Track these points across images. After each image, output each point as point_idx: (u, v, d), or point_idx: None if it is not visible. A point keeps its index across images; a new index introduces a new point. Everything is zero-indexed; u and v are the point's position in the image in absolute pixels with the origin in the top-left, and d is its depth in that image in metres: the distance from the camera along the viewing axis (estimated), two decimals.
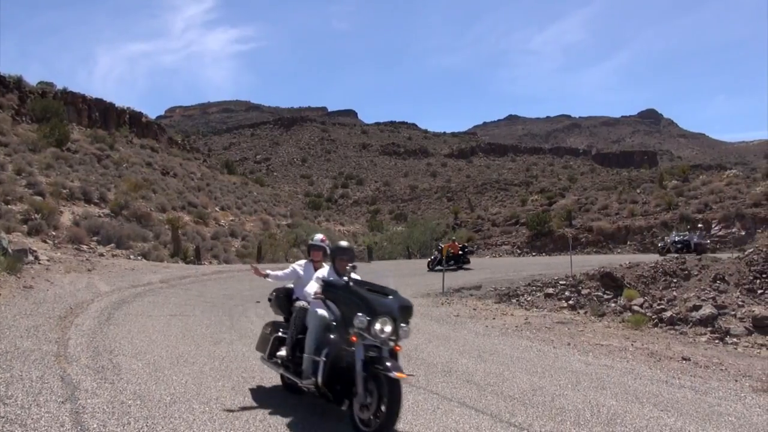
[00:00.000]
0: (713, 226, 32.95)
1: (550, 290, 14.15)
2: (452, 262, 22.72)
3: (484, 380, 6.65)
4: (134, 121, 67.56)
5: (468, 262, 23.97)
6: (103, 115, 61.79)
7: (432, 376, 6.74)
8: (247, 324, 9.94)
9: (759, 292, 12.09)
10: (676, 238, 25.39)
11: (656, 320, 11.34)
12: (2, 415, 4.81)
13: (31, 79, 56.67)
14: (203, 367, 6.76)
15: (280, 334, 5.90)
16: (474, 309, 12.64)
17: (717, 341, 10.09)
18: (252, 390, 5.92)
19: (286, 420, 5.05)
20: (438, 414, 5.38)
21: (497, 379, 6.74)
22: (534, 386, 6.45)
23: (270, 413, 5.20)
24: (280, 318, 6.17)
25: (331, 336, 5.08)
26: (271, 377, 6.38)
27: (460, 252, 23.62)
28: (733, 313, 11.34)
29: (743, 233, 31.31)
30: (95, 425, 4.70)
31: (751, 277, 12.61)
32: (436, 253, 23.71)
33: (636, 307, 12.09)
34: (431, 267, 22.90)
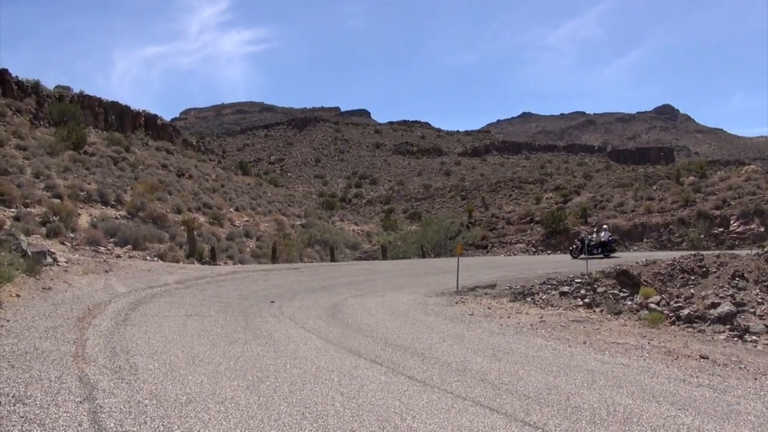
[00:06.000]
0: (731, 222, 32.47)
1: (566, 288, 14.04)
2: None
3: (498, 379, 6.62)
4: (150, 123, 68.34)
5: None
6: (119, 118, 62.56)
7: (446, 375, 6.73)
8: (261, 324, 9.98)
9: None
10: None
11: (673, 318, 11.21)
12: (22, 414, 4.89)
13: (49, 84, 57.59)
14: (218, 366, 6.81)
15: None
16: (488, 308, 12.59)
17: (736, 339, 9.95)
18: (266, 389, 5.95)
19: (300, 419, 5.07)
20: (452, 413, 5.37)
21: (512, 378, 6.70)
22: (549, 385, 6.41)
23: (284, 412, 5.23)
24: None
25: None
26: (286, 377, 6.41)
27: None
28: (752, 310, 11.18)
29: (762, 229, 30.79)
30: (112, 424, 4.76)
31: None
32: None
33: (653, 305, 11.96)
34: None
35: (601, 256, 23.85)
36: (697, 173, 50.70)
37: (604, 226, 26.34)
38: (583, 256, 23.60)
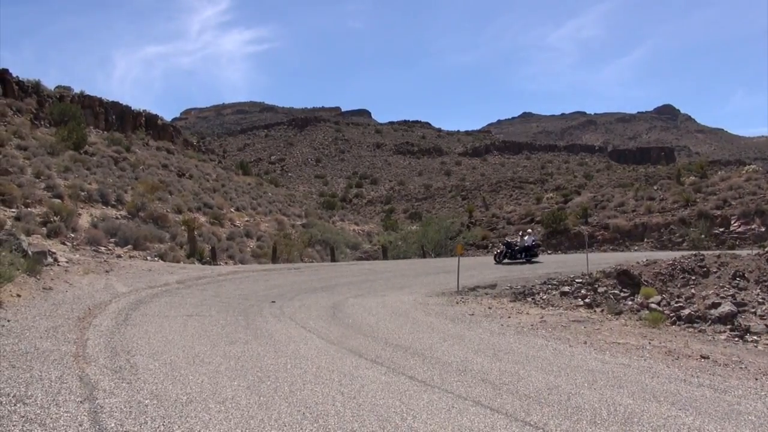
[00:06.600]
0: (732, 222, 32.45)
1: (566, 288, 14.05)
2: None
3: (499, 379, 6.62)
4: (150, 123, 68.33)
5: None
6: (119, 118, 62.53)
7: (447, 375, 6.73)
8: (262, 323, 9.99)
9: None
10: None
11: (674, 318, 11.20)
12: (22, 414, 4.89)
13: (49, 84, 57.56)
14: (219, 366, 6.81)
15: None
16: (489, 308, 12.59)
17: (736, 339, 9.94)
18: (267, 389, 5.95)
19: (301, 419, 5.07)
20: (453, 413, 5.37)
21: (512, 377, 6.70)
22: (550, 385, 6.41)
23: (285, 412, 5.23)
24: None
25: None
26: (287, 377, 6.41)
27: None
28: (753, 310, 11.17)
29: (763, 229, 30.76)
30: (113, 424, 4.77)
31: None
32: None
33: (653, 305, 11.95)
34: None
35: (524, 260, 23.83)
36: (697, 173, 50.67)
37: (528, 231, 26.46)
38: (506, 260, 23.74)
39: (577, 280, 14.76)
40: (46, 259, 14.38)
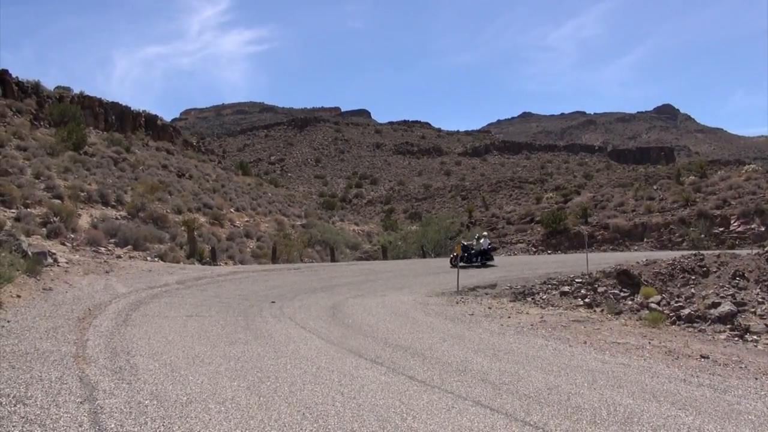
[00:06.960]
0: (732, 221, 32.46)
1: (566, 288, 14.05)
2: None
3: (499, 379, 6.62)
4: (150, 123, 68.29)
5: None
6: (119, 119, 62.49)
7: (447, 375, 6.73)
8: (262, 324, 9.99)
9: None
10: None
11: (674, 318, 11.21)
12: (22, 415, 4.89)
13: (49, 84, 57.52)
14: (219, 367, 6.81)
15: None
16: (489, 308, 12.59)
17: (736, 339, 9.94)
18: (267, 389, 5.95)
19: (301, 419, 5.07)
20: (453, 413, 5.37)
21: (512, 377, 6.70)
22: (549, 385, 6.41)
23: (285, 413, 5.23)
24: None
25: None
26: (287, 377, 6.41)
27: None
28: (753, 310, 11.18)
29: (763, 229, 30.79)
30: (113, 425, 4.77)
31: None
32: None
33: (653, 305, 11.96)
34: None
35: (479, 264, 23.55)
36: (697, 173, 50.70)
37: (485, 234, 26.24)
38: (462, 264, 23.23)
39: (577, 280, 14.77)
40: (45, 259, 14.38)
